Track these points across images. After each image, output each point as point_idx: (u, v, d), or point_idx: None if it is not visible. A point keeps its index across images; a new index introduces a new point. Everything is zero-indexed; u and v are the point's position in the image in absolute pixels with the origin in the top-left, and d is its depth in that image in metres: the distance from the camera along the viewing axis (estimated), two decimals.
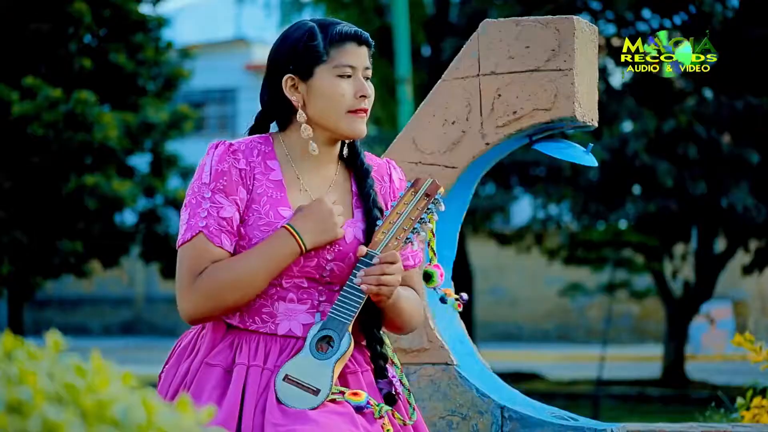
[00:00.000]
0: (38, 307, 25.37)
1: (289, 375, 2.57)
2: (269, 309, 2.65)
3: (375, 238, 2.63)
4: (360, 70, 2.70)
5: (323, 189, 2.73)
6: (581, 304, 22.81)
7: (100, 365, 1.50)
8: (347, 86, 2.69)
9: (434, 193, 2.65)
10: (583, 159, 3.50)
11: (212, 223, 2.63)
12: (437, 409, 3.48)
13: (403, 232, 2.64)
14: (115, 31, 13.46)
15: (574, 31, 3.41)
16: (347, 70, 2.69)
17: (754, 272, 14.83)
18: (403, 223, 2.64)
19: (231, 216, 2.64)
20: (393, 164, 2.86)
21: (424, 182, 2.66)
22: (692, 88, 13.61)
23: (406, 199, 2.65)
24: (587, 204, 13.75)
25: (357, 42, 2.70)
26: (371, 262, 2.60)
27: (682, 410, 11.52)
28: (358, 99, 2.69)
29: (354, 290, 2.60)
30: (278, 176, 2.69)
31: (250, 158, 2.69)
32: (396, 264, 2.61)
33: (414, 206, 2.64)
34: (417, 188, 2.66)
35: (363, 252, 2.62)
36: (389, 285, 2.60)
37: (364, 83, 2.70)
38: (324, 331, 2.60)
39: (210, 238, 2.62)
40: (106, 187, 12.46)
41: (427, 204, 2.65)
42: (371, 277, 2.59)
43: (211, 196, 2.65)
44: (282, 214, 2.65)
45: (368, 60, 2.73)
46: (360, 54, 2.70)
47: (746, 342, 4.31)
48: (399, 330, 2.78)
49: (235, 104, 27.71)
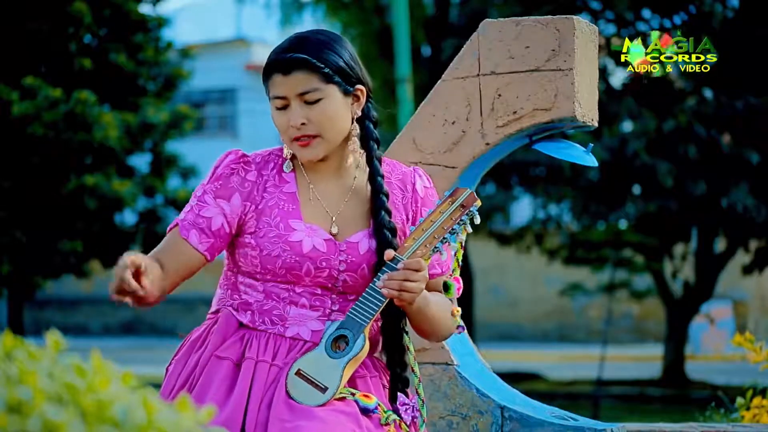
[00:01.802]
0: (38, 307, 25.36)
1: (301, 370, 2.57)
2: (280, 312, 2.66)
3: (404, 244, 2.62)
4: (293, 98, 2.65)
5: (340, 199, 2.72)
6: (581, 304, 22.81)
7: (100, 365, 1.50)
8: (283, 118, 2.67)
9: (470, 205, 2.62)
10: (583, 159, 3.50)
11: (190, 218, 2.67)
12: (437, 409, 3.48)
13: (433, 240, 2.62)
14: (115, 31, 13.46)
15: (574, 31, 3.41)
16: (278, 102, 2.66)
17: (754, 272, 14.82)
18: (434, 232, 2.62)
19: (210, 217, 2.66)
20: (419, 172, 2.82)
21: (463, 193, 2.64)
22: (692, 88, 13.61)
23: (442, 208, 2.63)
24: (587, 204, 13.74)
25: (282, 72, 2.64)
26: (396, 267, 2.59)
27: (682, 410, 11.52)
28: (294, 129, 2.65)
29: (376, 293, 2.60)
30: (292, 188, 2.70)
31: (264, 171, 2.71)
32: (421, 272, 2.59)
33: (448, 216, 2.62)
34: (455, 198, 2.63)
35: (390, 256, 2.60)
36: (411, 291, 2.58)
37: (296, 111, 2.64)
38: (340, 330, 2.60)
39: (180, 230, 2.66)
40: (106, 187, 12.46)
41: (462, 215, 2.62)
42: (394, 282, 2.57)
43: (201, 195, 2.69)
44: (293, 227, 2.66)
45: (305, 84, 2.63)
46: (288, 83, 2.64)
47: (746, 342, 4.31)
48: (428, 336, 2.76)
49: (235, 104, 27.70)
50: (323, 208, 2.70)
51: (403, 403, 2.68)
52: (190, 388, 2.63)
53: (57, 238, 12.89)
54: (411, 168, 2.83)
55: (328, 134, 2.66)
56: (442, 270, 2.77)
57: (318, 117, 2.64)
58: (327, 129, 2.65)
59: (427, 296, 2.66)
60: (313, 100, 2.64)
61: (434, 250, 2.62)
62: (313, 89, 2.64)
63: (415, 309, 2.64)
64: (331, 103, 2.65)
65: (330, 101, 2.65)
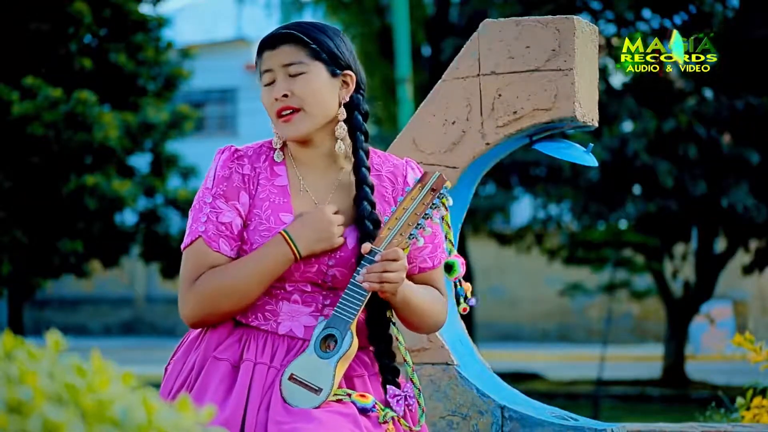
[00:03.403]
0: (38, 307, 25.37)
1: (294, 374, 2.57)
2: (272, 307, 2.66)
3: (380, 235, 2.61)
4: (278, 70, 2.67)
5: (327, 190, 2.72)
6: (581, 304, 22.82)
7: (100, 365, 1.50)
8: (268, 94, 2.68)
9: (440, 188, 2.62)
10: (583, 159, 3.50)
11: (211, 228, 2.65)
12: (437, 409, 3.48)
13: (408, 228, 2.61)
14: (115, 31, 13.47)
15: (574, 31, 3.41)
16: (266, 78, 2.68)
17: (754, 272, 14.83)
18: (408, 219, 2.61)
19: (230, 221, 2.66)
20: (411, 164, 2.82)
21: (431, 177, 2.63)
22: (692, 88, 13.61)
23: (413, 194, 2.62)
24: (587, 204, 13.75)
25: (270, 46, 2.68)
26: (375, 260, 2.59)
27: (682, 410, 11.52)
28: (278, 102, 2.66)
29: (357, 288, 2.59)
30: (283, 182, 2.70)
31: (256, 164, 2.71)
32: (399, 261, 2.59)
33: (420, 202, 2.61)
34: (424, 183, 2.63)
35: (367, 249, 2.60)
36: (392, 282, 2.58)
37: (280, 83, 2.66)
38: (328, 330, 2.60)
39: (208, 243, 2.64)
40: (106, 187, 12.47)
41: (433, 199, 2.61)
42: (373, 275, 2.57)
43: (212, 202, 2.67)
44: (283, 220, 2.66)
45: (291, 56, 2.66)
46: (274, 56, 2.67)
47: (746, 342, 4.31)
48: (416, 328, 2.76)
49: (235, 104, 27.70)
50: (312, 200, 2.70)
51: (394, 395, 2.67)
52: (188, 389, 2.63)
53: (57, 238, 12.89)
54: (403, 160, 2.83)
55: (311, 108, 2.66)
56: (433, 264, 2.77)
57: (301, 90, 2.65)
58: (309, 103, 2.65)
59: (412, 287, 2.66)
60: (297, 72, 2.66)
61: (410, 237, 2.61)
62: (298, 62, 2.66)
63: (399, 301, 2.63)
64: (315, 78, 2.66)
65: (314, 76, 2.66)
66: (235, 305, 2.62)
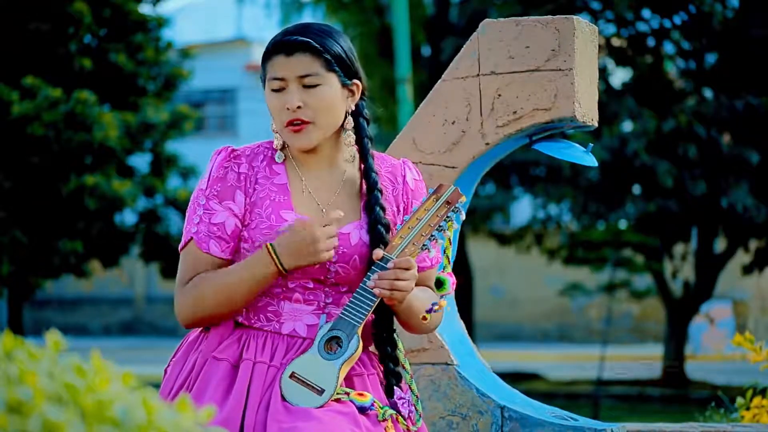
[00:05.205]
0: (38, 307, 25.37)
1: (295, 373, 2.57)
2: (274, 308, 2.66)
3: (392, 242, 2.62)
4: (292, 81, 2.64)
5: (331, 191, 2.72)
6: (581, 304, 22.82)
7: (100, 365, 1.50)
8: (278, 100, 2.65)
9: (455, 202, 2.63)
10: (583, 159, 3.50)
11: (202, 229, 2.66)
12: (437, 409, 3.48)
13: (421, 238, 2.62)
14: (115, 31, 13.47)
15: (574, 31, 3.41)
16: (274, 84, 2.65)
17: (754, 272, 14.83)
18: (421, 229, 2.62)
19: (223, 221, 2.66)
20: (408, 165, 2.83)
21: (447, 189, 2.63)
22: (692, 88, 13.61)
23: (427, 205, 2.63)
24: (587, 204, 13.75)
25: (285, 52, 2.64)
26: (386, 266, 2.59)
27: (682, 410, 11.52)
28: (289, 111, 2.64)
29: (366, 293, 2.60)
30: (283, 180, 2.70)
31: (254, 163, 2.70)
32: (410, 270, 2.59)
33: (434, 213, 2.62)
34: (439, 195, 2.63)
35: (379, 255, 2.60)
36: (402, 290, 2.59)
37: (294, 94, 2.63)
38: (333, 332, 2.60)
39: (198, 245, 2.66)
40: (106, 187, 12.47)
41: (447, 212, 2.62)
42: (385, 282, 2.58)
43: (206, 203, 2.67)
44: (284, 217, 2.66)
45: (307, 67, 2.63)
46: (290, 64, 2.63)
47: (746, 342, 4.30)
48: (413, 330, 2.76)
49: (235, 104, 27.70)
50: (314, 200, 2.70)
51: (400, 398, 2.68)
52: (188, 389, 2.63)
53: (57, 238, 12.89)
54: (400, 160, 2.83)
55: (322, 121, 2.65)
56: (431, 263, 2.78)
57: (315, 102, 2.64)
58: (322, 116, 2.65)
59: (415, 291, 2.66)
60: (313, 84, 2.64)
61: (423, 247, 2.62)
62: (315, 73, 2.64)
63: (404, 306, 2.65)
64: (329, 90, 2.65)
65: (328, 89, 2.65)
66: (223, 311, 2.63)
